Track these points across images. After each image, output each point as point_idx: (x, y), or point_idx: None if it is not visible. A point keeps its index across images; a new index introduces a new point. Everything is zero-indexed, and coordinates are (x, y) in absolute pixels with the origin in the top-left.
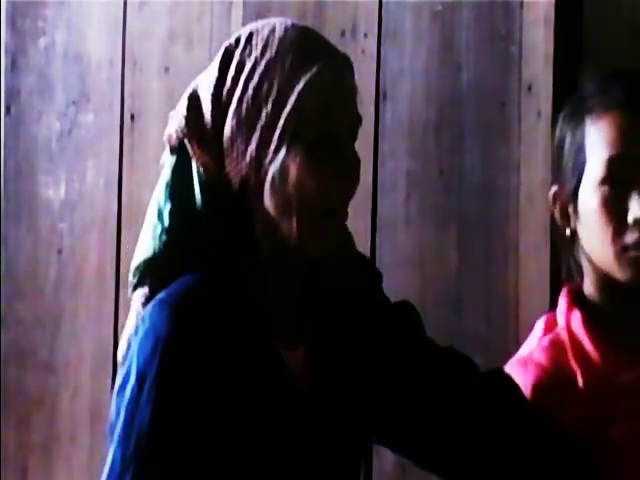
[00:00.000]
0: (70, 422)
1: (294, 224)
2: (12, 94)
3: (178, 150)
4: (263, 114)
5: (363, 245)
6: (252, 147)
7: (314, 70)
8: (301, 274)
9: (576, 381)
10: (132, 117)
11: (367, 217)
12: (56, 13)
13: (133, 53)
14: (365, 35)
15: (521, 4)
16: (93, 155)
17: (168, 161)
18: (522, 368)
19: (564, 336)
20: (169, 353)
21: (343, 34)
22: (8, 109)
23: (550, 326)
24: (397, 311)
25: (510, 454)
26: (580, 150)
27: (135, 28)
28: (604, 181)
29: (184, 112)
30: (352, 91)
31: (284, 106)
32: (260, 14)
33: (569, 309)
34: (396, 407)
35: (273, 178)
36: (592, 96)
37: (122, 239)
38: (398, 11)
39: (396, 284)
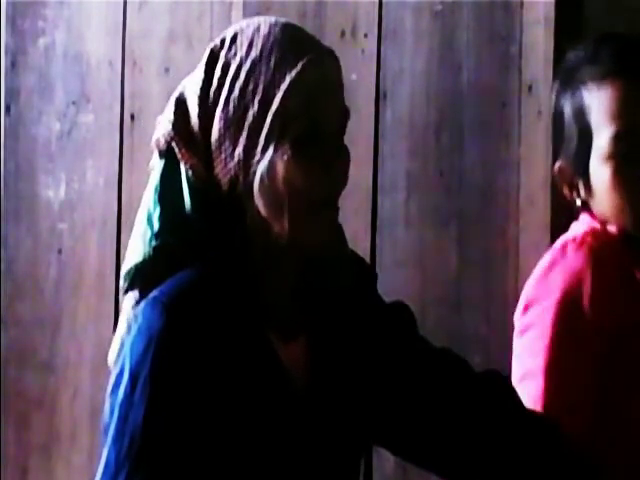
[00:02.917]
0: (70, 422)
1: (285, 222)
2: (12, 94)
3: (166, 154)
4: (250, 114)
5: (363, 245)
6: (240, 148)
7: (299, 67)
8: (296, 270)
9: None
10: (132, 117)
11: (367, 217)
12: (56, 13)
13: (133, 53)
14: (365, 35)
15: (521, 4)
16: (93, 155)
17: (157, 165)
18: (575, 248)
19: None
20: (162, 350)
21: (343, 34)
22: (8, 109)
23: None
24: (391, 310)
25: (505, 455)
26: (583, 125)
27: (135, 28)
28: (613, 156)
29: (171, 116)
30: (338, 85)
31: (270, 105)
32: (260, 14)
33: (602, 223)
34: (390, 405)
35: (262, 177)
36: (584, 64)
37: (122, 239)
38: (398, 11)
39: (396, 284)
